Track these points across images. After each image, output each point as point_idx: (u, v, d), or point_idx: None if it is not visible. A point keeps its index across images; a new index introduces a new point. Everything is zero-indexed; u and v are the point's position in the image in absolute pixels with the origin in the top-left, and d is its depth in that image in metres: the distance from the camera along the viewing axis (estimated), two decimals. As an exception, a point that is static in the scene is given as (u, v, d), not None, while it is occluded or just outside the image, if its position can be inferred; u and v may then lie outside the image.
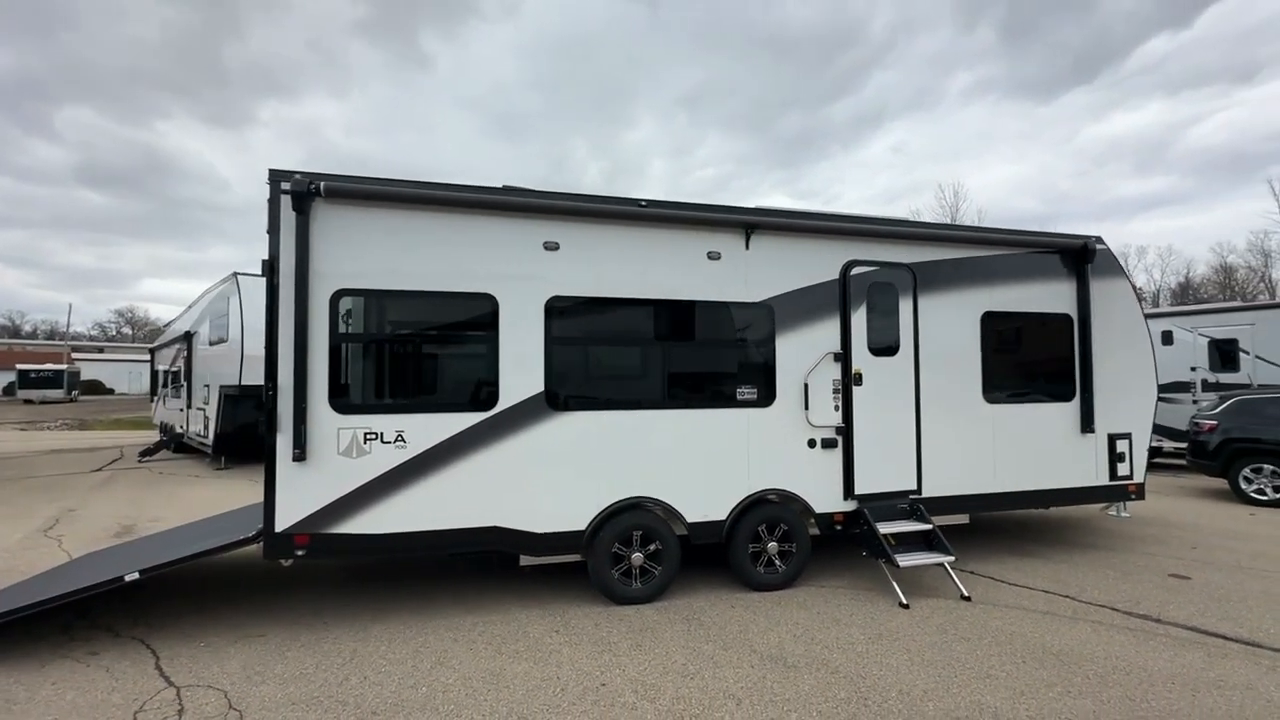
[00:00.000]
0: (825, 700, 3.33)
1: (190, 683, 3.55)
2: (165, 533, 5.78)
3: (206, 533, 5.08)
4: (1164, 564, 5.81)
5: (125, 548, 5.55)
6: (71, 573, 4.92)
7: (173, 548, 4.78)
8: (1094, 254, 6.04)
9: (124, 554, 5.19)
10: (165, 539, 5.37)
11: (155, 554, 4.78)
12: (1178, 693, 3.40)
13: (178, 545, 4.86)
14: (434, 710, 3.24)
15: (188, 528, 5.69)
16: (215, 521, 5.66)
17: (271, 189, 4.20)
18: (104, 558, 5.26)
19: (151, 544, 5.30)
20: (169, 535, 5.53)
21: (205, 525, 5.59)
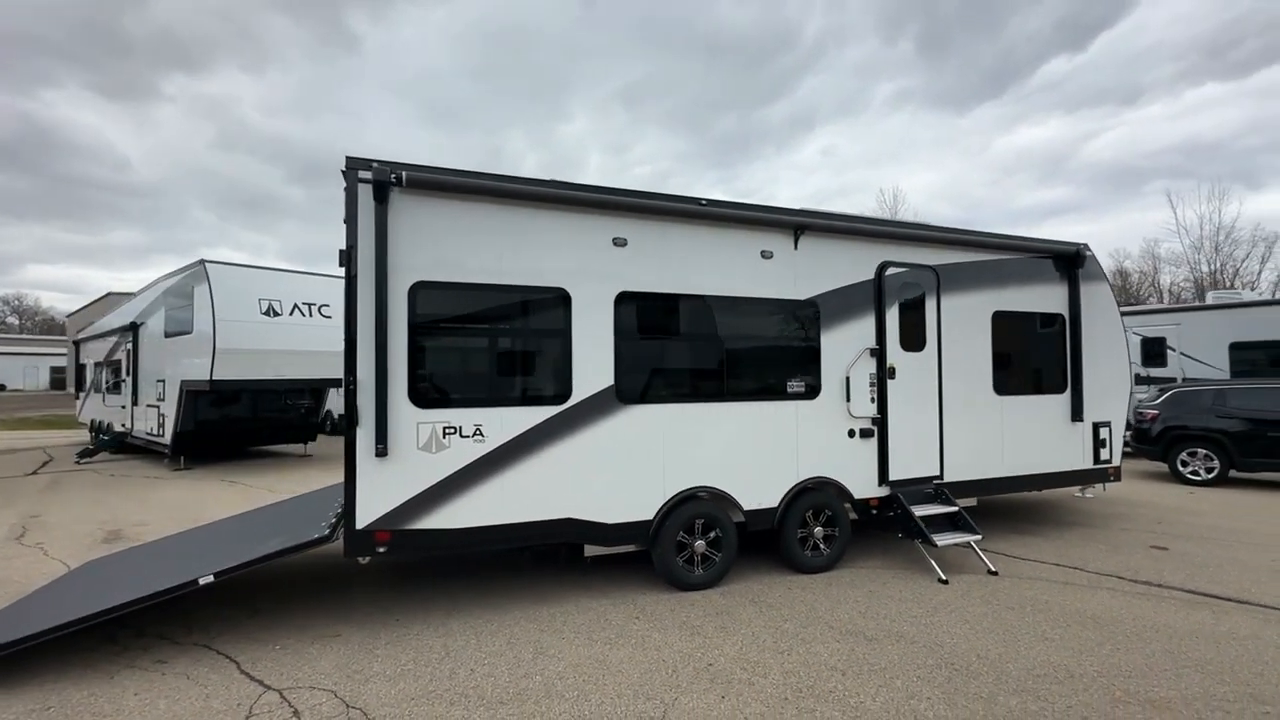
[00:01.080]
0: (917, 667, 3.62)
1: (288, 685, 3.46)
2: (191, 533, 5.46)
3: (255, 531, 4.87)
4: (1140, 538, 6.52)
5: (142, 552, 5.21)
6: (85, 582, 4.61)
7: (224, 548, 4.57)
8: (1084, 259, 6.68)
9: (144, 559, 4.89)
10: (197, 539, 5.09)
11: (198, 556, 4.56)
12: (1203, 645, 3.91)
13: (227, 545, 4.64)
14: (560, 697, 3.31)
15: (221, 527, 5.40)
16: (253, 519, 5.40)
17: (348, 177, 4.08)
18: (115, 565, 4.94)
19: (183, 545, 5.01)
20: (199, 535, 5.23)
21: (244, 522, 5.33)
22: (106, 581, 4.50)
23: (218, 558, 4.27)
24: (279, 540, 4.26)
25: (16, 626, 3.72)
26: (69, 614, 3.67)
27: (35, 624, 3.63)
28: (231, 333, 10.41)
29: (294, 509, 5.48)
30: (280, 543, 4.14)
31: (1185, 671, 3.56)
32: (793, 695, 3.31)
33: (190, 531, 5.63)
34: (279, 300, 11.14)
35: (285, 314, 11.16)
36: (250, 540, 4.63)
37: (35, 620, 3.77)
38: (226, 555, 4.22)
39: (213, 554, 4.56)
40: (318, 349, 11.46)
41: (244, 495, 9.09)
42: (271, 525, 4.93)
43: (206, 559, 4.43)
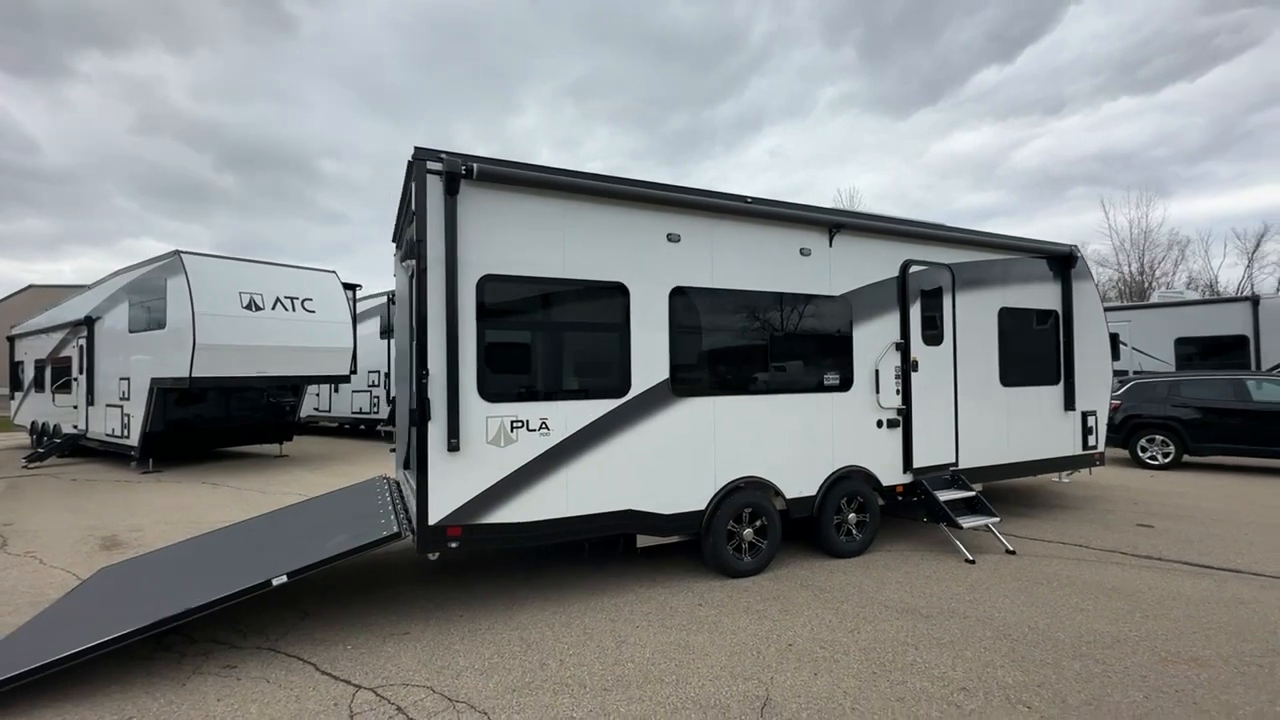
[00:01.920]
0: (979, 639, 3.88)
1: (379, 683, 3.42)
2: (217, 537, 5.21)
3: (299, 530, 4.73)
4: (1125, 517, 7.08)
5: (168, 558, 4.97)
6: (117, 590, 4.40)
7: (273, 549, 4.43)
8: (1076, 259, 7.18)
9: (175, 564, 4.68)
10: (234, 542, 4.89)
11: (247, 557, 4.40)
12: (1217, 609, 4.33)
13: (276, 546, 4.50)
14: (659, 681, 3.40)
15: (253, 528, 5.19)
16: (286, 520, 5.21)
17: (416, 169, 4.02)
18: (143, 571, 4.72)
19: (218, 549, 4.81)
20: (233, 538, 5.02)
21: (278, 523, 5.14)
22: (145, 588, 4.29)
23: (276, 558, 4.14)
24: (342, 539, 4.16)
25: (70, 634, 3.53)
26: (129, 620, 3.50)
27: (94, 631, 3.44)
28: (212, 327, 9.91)
29: (332, 507, 5.33)
30: (347, 541, 4.05)
31: (1210, 633, 3.94)
32: (879, 669, 3.50)
33: (214, 535, 5.39)
34: (260, 294, 10.67)
35: (267, 308, 10.69)
36: (300, 540, 4.50)
37: (87, 628, 3.58)
38: (284, 555, 4.10)
39: (266, 555, 4.41)
40: (302, 344, 11.05)
41: (237, 498, 8.71)
42: (317, 524, 4.79)
43: (260, 560, 4.29)
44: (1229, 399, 9.91)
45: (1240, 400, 9.84)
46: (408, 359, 6.41)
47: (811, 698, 3.20)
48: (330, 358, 11.56)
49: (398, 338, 6.47)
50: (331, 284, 12.01)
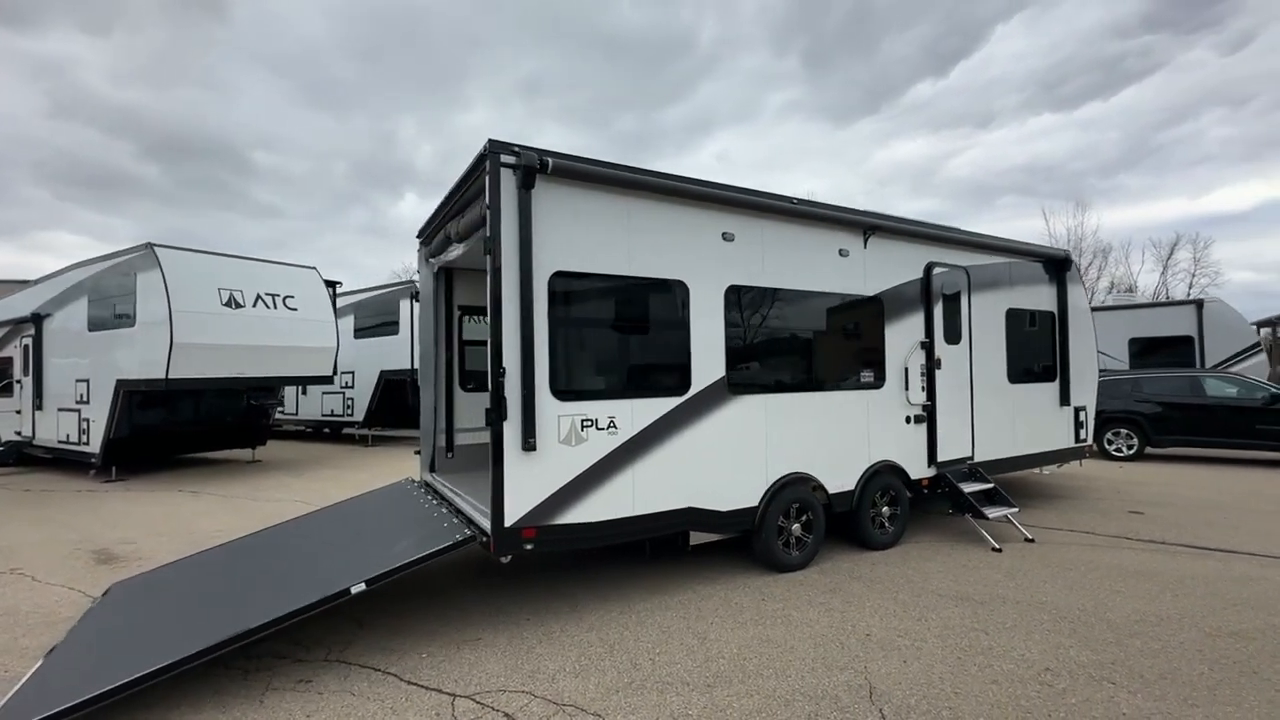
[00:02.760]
0: (1039, 622, 4.08)
1: (473, 691, 3.32)
2: (250, 542, 4.91)
3: (349, 535, 4.52)
4: (1114, 506, 7.56)
5: (194, 567, 4.66)
6: (138, 609, 4.11)
7: (321, 558, 4.22)
8: (1070, 264, 7.62)
9: (200, 575, 4.40)
10: (269, 552, 4.63)
11: (294, 568, 4.19)
12: (1233, 587, 4.69)
13: (323, 555, 4.30)
14: (759, 675, 3.43)
15: (282, 538, 4.92)
16: (317, 527, 4.97)
17: (490, 161, 3.92)
18: (159, 586, 4.41)
19: (253, 556, 4.54)
20: (266, 543, 4.74)
21: (310, 531, 4.89)
22: (187, 602, 4.02)
23: (337, 566, 3.96)
24: (406, 544, 4.01)
25: (124, 656, 3.27)
26: (194, 635, 3.28)
27: (156, 650, 3.21)
28: (190, 325, 9.33)
29: (372, 512, 5.11)
30: (417, 546, 3.91)
31: (1237, 609, 4.27)
32: (962, 654, 3.64)
33: (242, 545, 5.08)
34: (240, 290, 10.11)
35: (248, 305, 10.15)
36: (355, 547, 4.31)
37: (141, 648, 3.33)
38: (345, 563, 3.92)
39: (324, 563, 4.20)
40: (284, 344, 10.54)
41: (227, 507, 8.23)
42: (367, 530, 4.60)
43: (321, 568, 4.09)
44: (1186, 395, 10.73)
45: (1196, 396, 10.66)
46: (432, 360, 6.25)
47: (912, 684, 3.30)
48: (313, 358, 11.07)
49: (422, 338, 6.27)
50: (313, 280, 11.50)
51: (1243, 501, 7.71)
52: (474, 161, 4.22)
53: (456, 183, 4.71)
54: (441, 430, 6.33)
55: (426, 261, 6.25)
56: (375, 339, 15.12)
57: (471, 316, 6.58)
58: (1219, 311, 13.28)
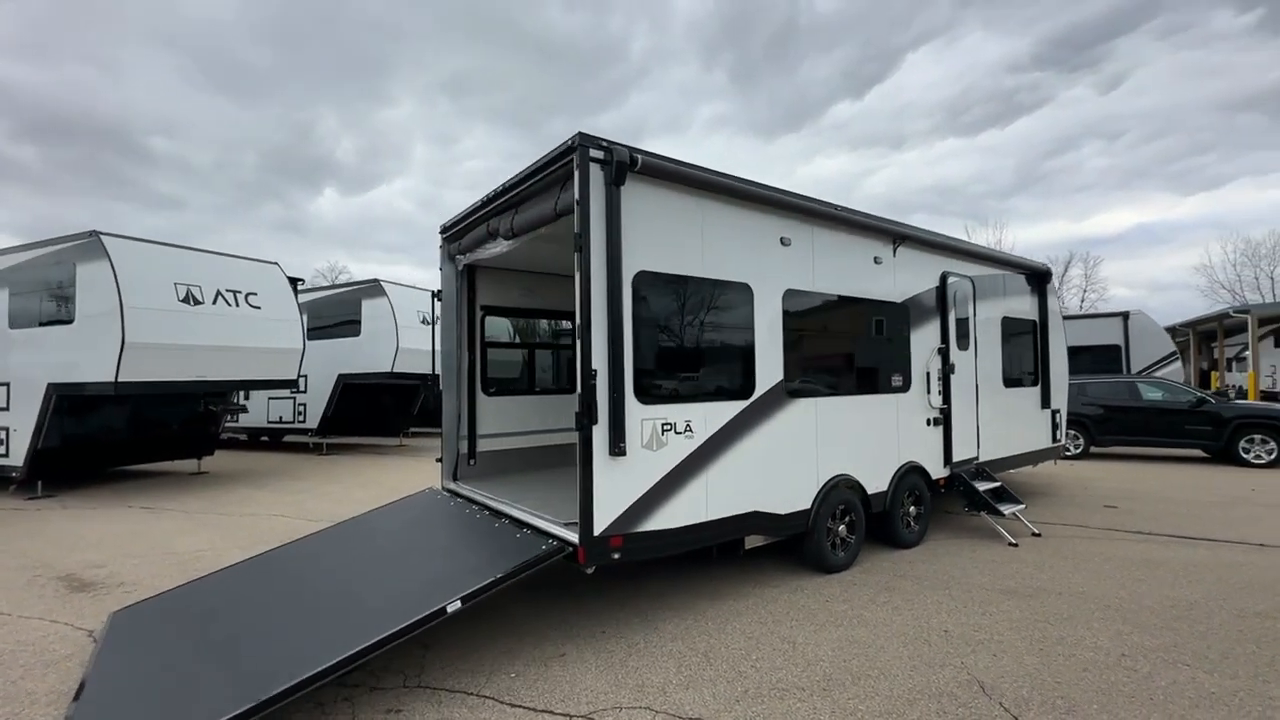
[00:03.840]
0: (1089, 611, 4.33)
1: (588, 710, 3.15)
2: (271, 562, 4.45)
3: (398, 550, 4.19)
4: (1086, 500, 8.17)
5: (206, 590, 4.19)
6: (168, 641, 3.68)
7: (393, 575, 3.90)
8: (1050, 276, 8.21)
9: (213, 598, 3.98)
10: (296, 566, 4.23)
11: (353, 587, 3.86)
12: (1233, 572, 5.16)
13: (390, 571, 3.97)
14: (866, 677, 3.44)
15: (318, 550, 4.49)
16: (357, 540, 4.58)
17: (579, 155, 3.77)
18: (177, 613, 3.97)
19: (287, 579, 4.13)
20: (292, 562, 4.32)
21: (353, 544, 4.50)
22: (233, 630, 3.60)
23: (410, 585, 3.66)
24: (484, 559, 3.77)
25: (179, 693, 2.89)
26: (289, 666, 2.93)
27: (239, 687, 2.85)
28: (144, 323, 8.42)
29: (412, 526, 4.77)
30: (503, 560, 3.68)
31: (1248, 590, 4.71)
32: (1042, 645, 3.80)
33: (263, 567, 4.61)
34: (199, 285, 9.23)
35: (208, 302, 9.28)
36: (418, 563, 4.01)
37: (195, 684, 2.96)
38: (414, 582, 3.64)
39: (391, 583, 3.87)
40: (247, 345, 9.71)
41: (197, 524, 7.47)
42: (419, 545, 4.29)
43: (388, 589, 3.78)
44: (1125, 398, 11.78)
45: (1134, 399, 11.72)
46: (454, 363, 5.95)
47: (1013, 677, 3.42)
48: (278, 360, 10.26)
49: (444, 340, 5.95)
50: (276, 277, 10.67)
51: (1191, 495, 8.52)
52: (553, 155, 4.04)
53: (518, 177, 4.50)
54: (464, 436, 6.01)
55: (451, 258, 5.93)
56: (332, 340, 14.21)
57: (494, 317, 6.31)
58: (1142, 322, 14.69)
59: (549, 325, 7.40)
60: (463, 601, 3.30)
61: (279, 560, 4.54)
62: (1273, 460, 10.60)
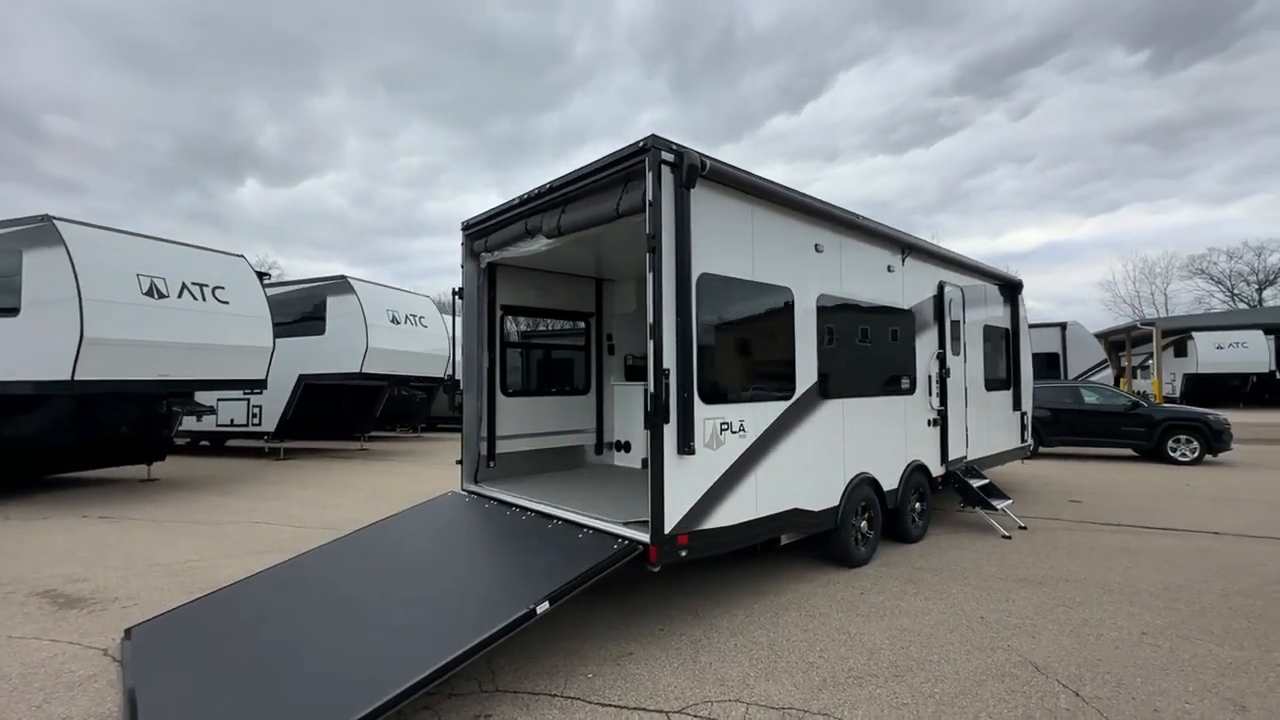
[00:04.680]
0: (1100, 595, 4.71)
1: (681, 706, 3.19)
2: (306, 569, 4.22)
3: (446, 553, 4.08)
4: (1051, 496, 8.82)
5: (243, 600, 3.95)
6: (205, 655, 3.48)
7: (456, 577, 3.80)
8: (1021, 288, 8.83)
9: (253, 608, 3.78)
10: (332, 572, 4.04)
11: (414, 592, 3.74)
12: (1203, 557, 5.72)
13: (450, 575, 3.86)
14: (930, 661, 3.63)
15: (345, 554, 4.29)
16: (390, 540, 4.41)
17: (650, 157, 3.81)
18: (202, 629, 3.74)
19: (314, 583, 3.94)
20: (332, 569, 4.11)
21: (386, 549, 4.33)
22: (293, 638, 3.41)
23: (478, 587, 3.59)
24: (550, 559, 3.73)
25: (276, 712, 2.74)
26: (407, 670, 2.82)
27: (322, 701, 2.73)
28: (105, 316, 7.77)
29: (451, 528, 4.64)
30: (580, 559, 3.65)
31: (1224, 573, 5.23)
32: (1071, 628, 4.11)
33: (303, 574, 4.37)
34: (163, 277, 8.59)
35: (173, 295, 8.65)
36: (480, 565, 3.92)
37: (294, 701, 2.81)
38: (497, 585, 3.57)
39: (463, 585, 3.76)
40: (215, 342, 9.11)
41: (176, 532, 6.96)
42: (461, 549, 4.19)
43: (458, 591, 3.67)
44: (1069, 402, 12.76)
45: (1077, 403, 12.72)
46: (475, 363, 5.84)
47: (1058, 657, 3.69)
48: (246, 358, 9.67)
49: (464, 340, 5.81)
50: (243, 270, 10.07)
51: (1138, 490, 9.35)
52: (619, 155, 4.06)
53: (570, 176, 4.49)
54: (484, 438, 5.89)
55: (474, 255, 5.81)
56: (293, 339, 13.46)
57: (513, 317, 6.21)
58: (1078, 332, 15.98)
59: (564, 325, 7.35)
60: (550, 602, 3.26)
61: (309, 569, 4.32)
62: (1195, 458, 11.76)
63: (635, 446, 6.91)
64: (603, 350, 7.19)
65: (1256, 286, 50.85)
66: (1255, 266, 50.30)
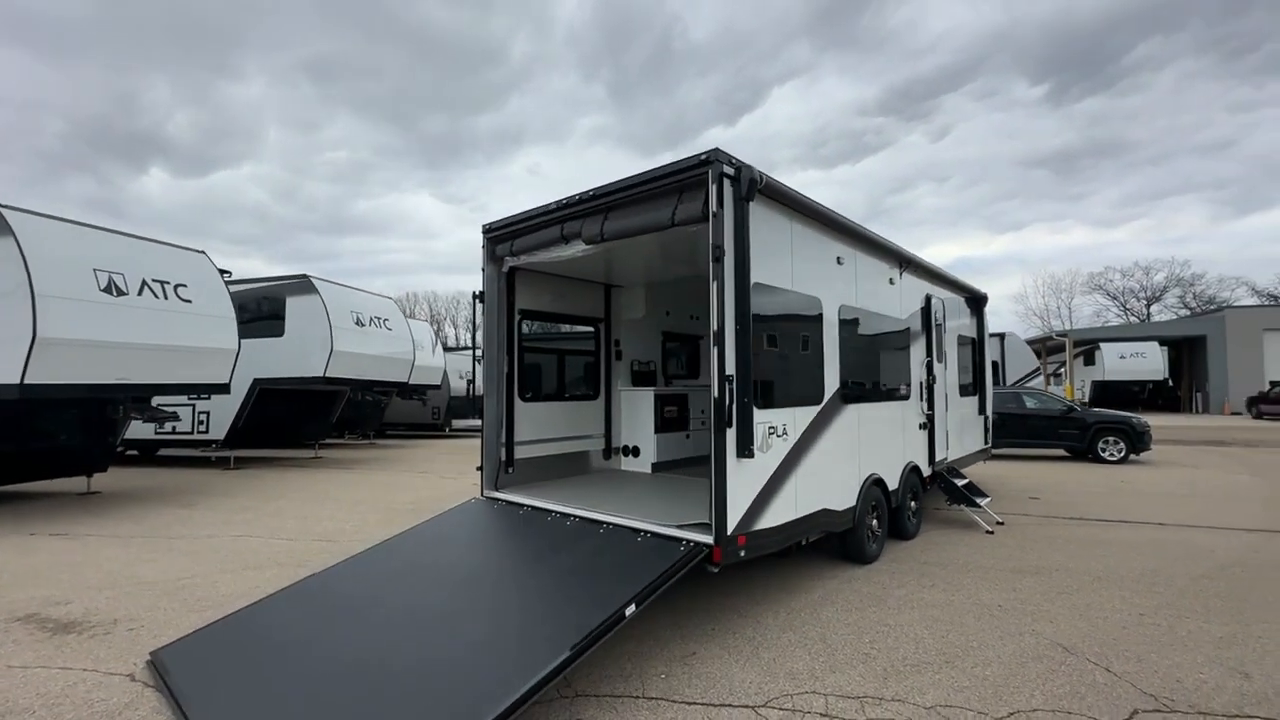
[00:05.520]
0: (1090, 582, 5.17)
1: (763, 700, 3.30)
2: (339, 577, 4.05)
3: (493, 561, 4.03)
4: (1010, 493, 9.53)
5: (285, 610, 3.78)
6: (255, 672, 3.35)
7: (520, 587, 3.77)
8: (986, 300, 9.53)
9: (299, 618, 3.65)
10: (378, 582, 3.92)
11: (476, 602, 3.70)
12: (1161, 547, 6.37)
13: (511, 584, 3.83)
14: (974, 647, 3.90)
15: (383, 565, 4.15)
16: (427, 549, 4.31)
17: (714, 169, 3.95)
18: (244, 644, 3.58)
19: (394, 596, 3.82)
20: (371, 576, 3.97)
21: (422, 553, 4.22)
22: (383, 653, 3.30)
23: (546, 595, 3.58)
24: (614, 564, 3.78)
25: None
26: (509, 683, 2.79)
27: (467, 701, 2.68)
28: (61, 314, 7.12)
29: (493, 534, 4.57)
30: (655, 562, 3.71)
31: (1183, 559, 5.85)
32: (1079, 612, 4.52)
33: (310, 591, 4.19)
34: (122, 273, 7.95)
35: (133, 292, 8.02)
36: (542, 572, 3.90)
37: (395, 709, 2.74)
38: (573, 590, 3.58)
39: (529, 596, 3.72)
40: (179, 343, 8.51)
41: (148, 550, 6.45)
42: (513, 552, 4.15)
43: (525, 601, 3.64)
44: (1012, 406, 13.79)
45: (1019, 407, 13.77)
46: (495, 367, 5.78)
47: (1079, 637, 4.05)
48: (210, 361, 9.07)
49: (485, 345, 5.74)
50: (206, 267, 9.44)
51: (1082, 487, 10.24)
52: (677, 166, 4.17)
53: (617, 184, 4.56)
54: (503, 443, 5.81)
55: (496, 259, 5.74)
56: (247, 340, 12.65)
57: (530, 321, 6.17)
58: (1014, 342, 17.30)
59: (574, 330, 7.34)
60: (636, 604, 3.31)
61: (348, 582, 4.15)
62: (1122, 458, 12.98)
63: (644, 451, 6.99)
64: (611, 355, 7.23)
65: (1146, 302, 56.50)
66: (1145, 284, 55.95)
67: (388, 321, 14.11)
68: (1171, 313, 53.45)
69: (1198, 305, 51.93)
